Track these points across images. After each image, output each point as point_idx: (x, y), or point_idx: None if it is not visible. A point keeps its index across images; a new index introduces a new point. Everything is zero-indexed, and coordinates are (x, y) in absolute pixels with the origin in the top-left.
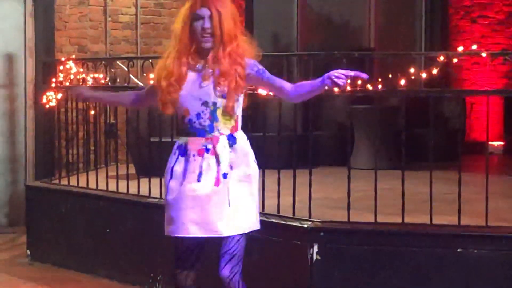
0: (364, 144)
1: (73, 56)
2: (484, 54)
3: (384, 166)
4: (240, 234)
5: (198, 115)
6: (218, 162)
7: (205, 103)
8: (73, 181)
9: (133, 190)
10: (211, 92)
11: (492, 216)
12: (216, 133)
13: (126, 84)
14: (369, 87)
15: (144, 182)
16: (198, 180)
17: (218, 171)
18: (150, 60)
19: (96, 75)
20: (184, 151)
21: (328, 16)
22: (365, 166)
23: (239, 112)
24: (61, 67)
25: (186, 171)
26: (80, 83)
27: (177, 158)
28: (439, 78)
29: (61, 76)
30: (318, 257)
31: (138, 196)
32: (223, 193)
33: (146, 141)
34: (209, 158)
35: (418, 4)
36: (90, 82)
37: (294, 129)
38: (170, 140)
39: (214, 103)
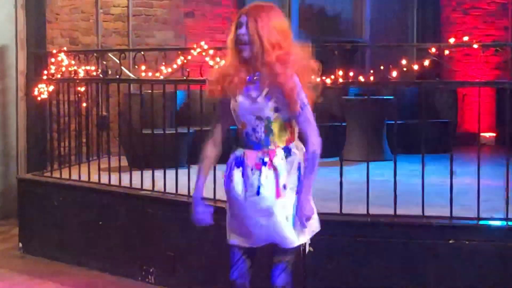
0: (357, 136)
1: (65, 48)
2: (475, 46)
3: (376, 157)
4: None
5: (254, 129)
6: (277, 174)
7: (259, 118)
8: (65, 174)
9: (125, 182)
10: (263, 107)
11: (484, 207)
12: (272, 146)
13: (118, 76)
14: (362, 79)
15: (136, 174)
16: (258, 194)
17: (277, 184)
18: (142, 52)
19: (87, 67)
20: (241, 163)
21: (320, 9)
22: (358, 157)
23: (294, 123)
24: (53, 59)
25: (246, 184)
26: (72, 75)
27: (234, 169)
28: (431, 70)
29: (52, 68)
30: (311, 249)
31: (130, 189)
32: (287, 204)
33: (138, 133)
34: (267, 171)
35: None
36: (81, 74)
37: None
38: (162, 132)
39: (268, 118)
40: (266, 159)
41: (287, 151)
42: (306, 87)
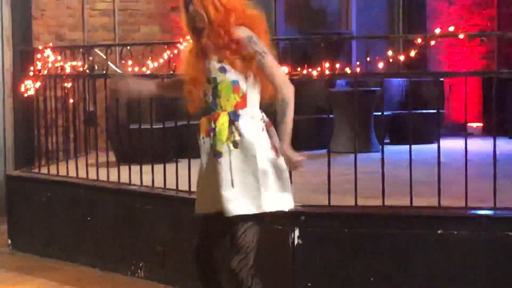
0: (344, 128)
1: (51, 44)
2: (461, 36)
3: (364, 149)
4: (246, 225)
5: (206, 93)
6: (214, 135)
7: (208, 80)
8: (53, 170)
9: (113, 177)
10: (210, 68)
11: (472, 197)
12: (218, 110)
13: (104, 72)
14: (348, 70)
15: (124, 169)
16: (215, 156)
17: (213, 150)
18: (128, 47)
19: (74, 63)
20: (199, 131)
21: (306, 1)
22: (345, 149)
23: (247, 88)
24: (39, 56)
25: (202, 151)
26: (58, 71)
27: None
28: (417, 61)
29: (39, 65)
30: (300, 241)
31: (118, 184)
32: (224, 173)
33: (126, 128)
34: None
35: None
36: (68, 70)
37: (273, 114)
38: (149, 127)
39: (215, 78)
40: (213, 125)
41: (235, 116)
42: (262, 35)
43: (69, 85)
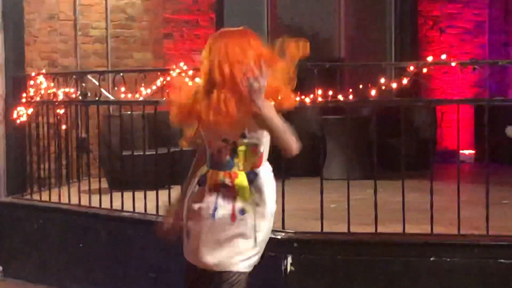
0: (336, 154)
1: (44, 71)
2: (453, 64)
3: (356, 176)
4: (240, 276)
5: (219, 150)
6: (234, 197)
7: (225, 140)
8: (45, 196)
9: (106, 204)
10: (229, 131)
11: (464, 224)
12: (235, 169)
13: (97, 98)
14: (341, 97)
15: (116, 196)
16: (213, 216)
17: (233, 207)
18: (121, 74)
19: (66, 90)
20: (203, 182)
21: (298, 27)
22: (338, 176)
23: (263, 148)
24: (32, 82)
25: (203, 203)
26: (51, 98)
27: (197, 187)
28: (409, 88)
29: (31, 91)
30: (292, 268)
31: (111, 210)
32: (242, 228)
33: (118, 155)
34: (225, 193)
35: (388, 14)
36: (61, 96)
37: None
38: (142, 153)
39: (234, 142)
40: (227, 181)
41: (253, 175)
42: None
43: (61, 111)
